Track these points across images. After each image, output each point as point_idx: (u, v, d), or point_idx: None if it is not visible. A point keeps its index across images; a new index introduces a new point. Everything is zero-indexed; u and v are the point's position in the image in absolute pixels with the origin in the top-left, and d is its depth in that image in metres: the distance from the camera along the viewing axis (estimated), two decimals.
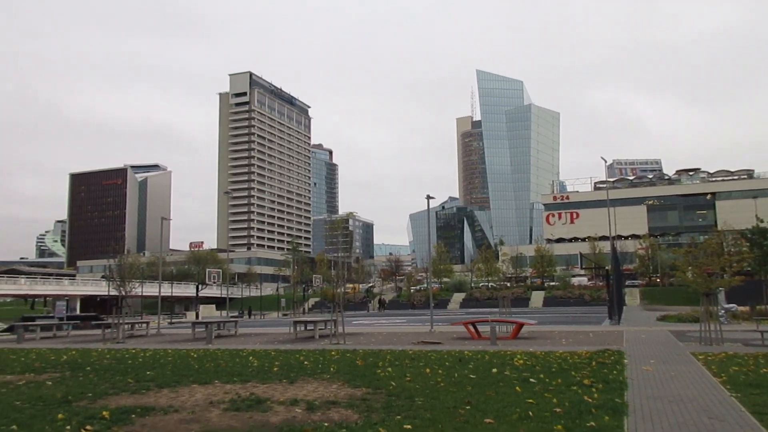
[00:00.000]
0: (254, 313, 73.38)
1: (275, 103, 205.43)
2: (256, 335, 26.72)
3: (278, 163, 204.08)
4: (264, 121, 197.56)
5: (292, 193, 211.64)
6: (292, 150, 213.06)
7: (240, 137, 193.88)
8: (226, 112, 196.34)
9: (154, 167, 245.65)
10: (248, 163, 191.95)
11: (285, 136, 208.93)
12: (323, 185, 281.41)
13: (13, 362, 15.87)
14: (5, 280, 77.02)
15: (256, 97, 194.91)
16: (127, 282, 29.32)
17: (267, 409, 7.99)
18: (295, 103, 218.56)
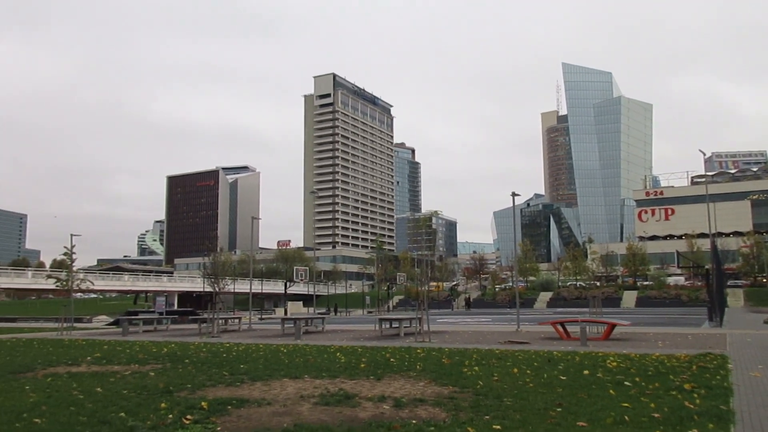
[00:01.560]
0: (340, 310, 74.66)
1: (358, 103, 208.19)
2: (342, 332, 27.17)
3: (362, 162, 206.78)
4: (347, 121, 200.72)
5: (376, 192, 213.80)
6: (375, 149, 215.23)
7: (324, 138, 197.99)
8: (311, 113, 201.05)
9: (244, 169, 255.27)
10: (333, 163, 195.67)
11: (368, 136, 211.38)
12: (406, 184, 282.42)
13: (119, 354, 16.95)
14: (111, 276, 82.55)
15: (340, 98, 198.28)
16: (221, 279, 30.71)
17: (356, 404, 8.10)
18: (377, 103, 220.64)
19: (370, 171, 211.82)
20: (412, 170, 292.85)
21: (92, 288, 48.33)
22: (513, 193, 29.36)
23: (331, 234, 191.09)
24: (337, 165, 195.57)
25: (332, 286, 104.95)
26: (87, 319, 52.80)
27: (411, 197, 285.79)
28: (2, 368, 13.23)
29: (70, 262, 31.59)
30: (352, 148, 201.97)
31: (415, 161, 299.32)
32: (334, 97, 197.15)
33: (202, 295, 76.68)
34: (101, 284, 74.64)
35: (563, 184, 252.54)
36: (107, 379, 11.13)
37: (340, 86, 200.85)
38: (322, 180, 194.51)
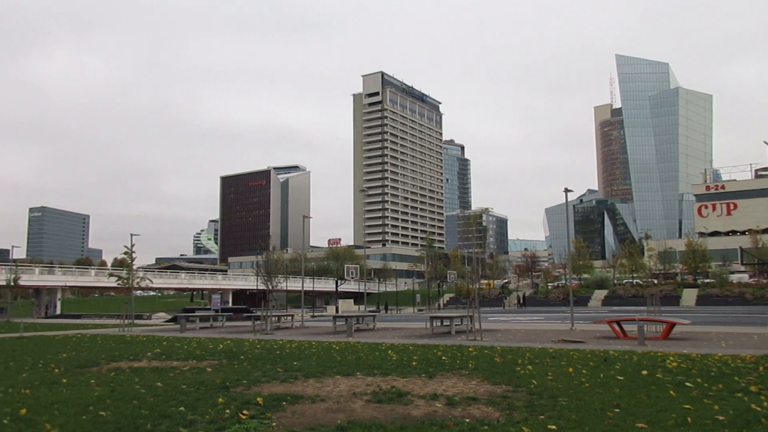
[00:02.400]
0: (390, 308, 74.88)
1: (407, 101, 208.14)
2: (393, 329, 27.23)
3: (411, 160, 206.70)
4: (396, 119, 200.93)
5: (425, 190, 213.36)
6: (424, 146, 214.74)
7: (373, 136, 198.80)
8: (360, 112, 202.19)
9: (294, 168, 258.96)
10: (382, 161, 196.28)
11: (417, 133, 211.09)
12: (455, 181, 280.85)
13: (178, 349, 17.46)
14: (168, 275, 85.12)
15: (388, 96, 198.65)
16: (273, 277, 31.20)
17: (408, 402, 8.11)
18: (426, 100, 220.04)
19: (419, 169, 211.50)
20: (461, 167, 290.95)
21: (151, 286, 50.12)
22: (566, 189, 28.78)
23: (381, 232, 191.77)
24: (387, 163, 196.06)
25: (382, 283, 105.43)
26: (146, 316, 54.60)
27: (461, 194, 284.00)
28: (69, 363, 13.83)
29: (130, 261, 32.76)
30: (401, 146, 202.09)
31: (465, 158, 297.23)
32: (383, 96, 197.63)
33: (255, 292, 78.29)
34: (159, 282, 77.14)
35: (618, 179, 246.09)
36: (167, 374, 11.48)
37: (389, 84, 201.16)
38: (372, 178, 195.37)
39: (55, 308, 65.59)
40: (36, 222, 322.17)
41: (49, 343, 21.17)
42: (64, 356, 15.59)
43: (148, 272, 65.33)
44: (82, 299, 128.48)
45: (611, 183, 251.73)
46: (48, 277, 65.38)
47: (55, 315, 62.33)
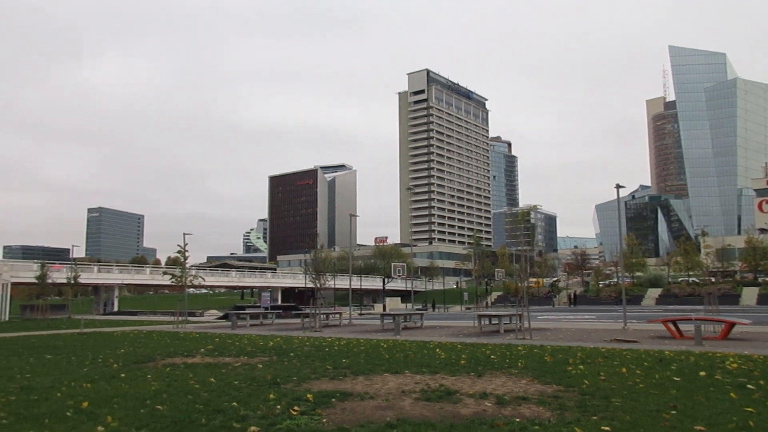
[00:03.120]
0: (437, 306, 74.64)
1: (452, 98, 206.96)
2: (440, 328, 27.14)
3: (457, 157, 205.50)
4: (442, 117, 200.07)
5: (472, 187, 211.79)
6: (471, 144, 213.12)
7: (419, 134, 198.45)
8: (406, 110, 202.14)
9: (341, 167, 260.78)
10: (428, 159, 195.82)
11: (463, 131, 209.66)
12: (502, 178, 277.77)
13: (229, 346, 17.84)
14: (219, 273, 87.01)
15: (434, 94, 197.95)
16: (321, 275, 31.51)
17: (457, 401, 8.07)
18: (471, 97, 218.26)
19: (466, 166, 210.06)
20: (508, 164, 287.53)
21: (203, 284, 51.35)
22: (617, 185, 28.09)
23: (428, 230, 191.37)
24: (433, 161, 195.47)
25: (429, 282, 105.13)
26: (199, 313, 55.95)
27: (508, 191, 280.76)
28: (127, 358, 14.31)
29: (183, 260, 33.62)
30: (447, 143, 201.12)
31: (512, 155, 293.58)
32: (428, 93, 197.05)
33: (303, 290, 79.22)
34: (211, 280, 78.95)
35: (672, 174, 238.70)
36: (219, 370, 11.75)
37: (434, 82, 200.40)
38: (418, 176, 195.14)
39: (113, 305, 67.92)
40: (94, 222, 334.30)
41: (108, 339, 21.96)
42: (122, 352, 16.15)
43: (200, 270, 67.01)
44: (138, 297, 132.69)
45: (665, 178, 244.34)
46: (106, 275, 67.78)
47: (113, 312, 64.57)
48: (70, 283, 47.33)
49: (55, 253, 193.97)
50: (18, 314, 54.98)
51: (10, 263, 62.88)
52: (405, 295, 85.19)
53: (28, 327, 32.81)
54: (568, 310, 53.10)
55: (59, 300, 70.43)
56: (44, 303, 50.47)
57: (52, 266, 53.67)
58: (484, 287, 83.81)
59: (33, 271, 51.16)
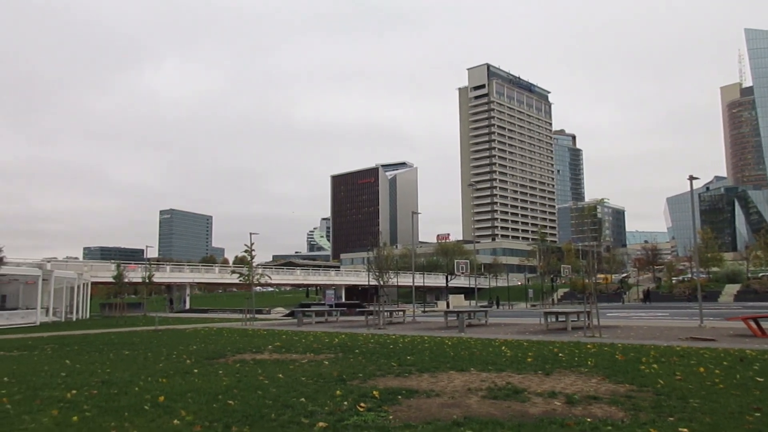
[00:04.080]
0: (502, 303, 73.71)
1: (514, 92, 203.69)
2: (505, 325, 26.78)
3: (519, 152, 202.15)
4: (503, 111, 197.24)
5: (535, 182, 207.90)
6: (533, 138, 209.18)
7: (480, 129, 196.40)
8: (466, 106, 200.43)
9: (402, 165, 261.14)
10: (489, 154, 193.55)
11: (525, 125, 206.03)
12: (567, 172, 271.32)
13: (296, 343, 18.17)
14: (285, 271, 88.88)
15: (495, 88, 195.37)
16: (384, 273, 31.66)
17: (525, 399, 7.93)
18: (534, 90, 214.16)
19: (529, 161, 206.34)
20: (573, 157, 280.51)
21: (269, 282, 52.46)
22: (690, 177, 26.89)
23: (491, 226, 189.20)
24: (494, 156, 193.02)
25: (493, 279, 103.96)
26: (266, 311, 57.29)
27: (573, 186, 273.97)
28: (199, 354, 14.81)
29: (250, 259, 34.49)
30: (509, 138, 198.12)
31: (576, 148, 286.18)
32: (489, 88, 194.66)
33: (367, 288, 79.87)
34: (277, 278, 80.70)
35: (750, 164, 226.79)
36: (287, 366, 11.98)
37: (495, 76, 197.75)
38: (480, 172, 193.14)
39: (185, 303, 70.49)
40: (166, 224, 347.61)
41: (181, 335, 22.79)
42: (194, 348, 16.71)
43: (267, 269, 68.59)
44: (208, 295, 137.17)
45: (742, 168, 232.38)
46: (177, 275, 70.40)
47: (185, 309, 66.99)
48: (145, 282, 49.39)
49: (130, 253, 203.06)
50: (98, 312, 57.84)
51: (89, 263, 66.33)
52: (468, 292, 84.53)
53: (107, 324, 34.48)
54: (638, 308, 51.34)
55: (135, 298, 73.61)
56: (121, 301, 52.88)
57: (128, 266, 56.20)
58: (549, 284, 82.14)
59: (110, 271, 53.74)
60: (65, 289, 42.52)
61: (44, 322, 35.69)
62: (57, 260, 62.83)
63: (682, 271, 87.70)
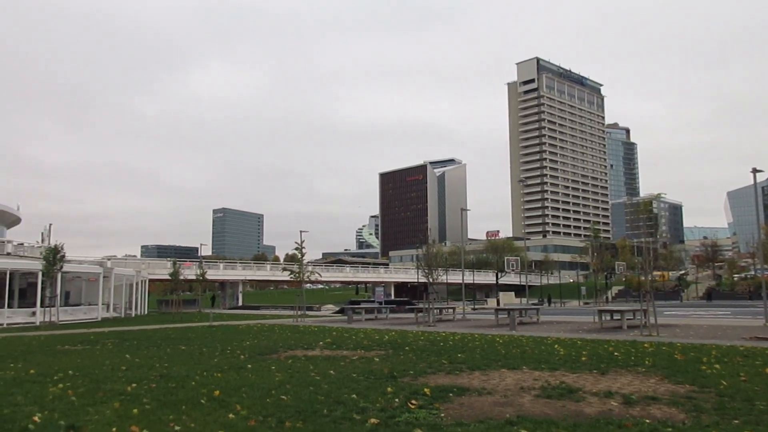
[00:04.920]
0: (554, 301, 72.50)
1: (564, 85, 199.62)
2: (558, 323, 26.35)
3: (571, 147, 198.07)
4: (554, 105, 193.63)
5: (588, 177, 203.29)
6: (585, 132, 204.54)
7: (530, 125, 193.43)
8: (515, 101, 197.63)
9: (450, 161, 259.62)
10: (540, 149, 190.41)
11: (577, 119, 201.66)
12: (621, 166, 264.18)
13: (346, 340, 18.31)
14: (334, 268, 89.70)
15: (545, 83, 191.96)
16: (433, 270, 31.58)
17: (580, 399, 7.76)
18: (585, 83, 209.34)
19: (581, 155, 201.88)
20: (627, 151, 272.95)
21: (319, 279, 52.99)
22: (754, 170, 25.82)
23: (541, 223, 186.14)
24: (545, 152, 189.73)
25: (544, 276, 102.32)
26: (316, 308, 58.03)
27: (627, 180, 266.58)
28: (252, 350, 15.09)
29: (300, 256, 34.94)
30: (560, 133, 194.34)
31: (630, 141, 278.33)
32: (539, 82, 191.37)
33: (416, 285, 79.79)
34: (327, 276, 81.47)
35: None
36: (338, 362, 12.08)
37: (545, 70, 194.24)
38: (530, 168, 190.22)
39: (238, 300, 71.99)
40: (219, 222, 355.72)
41: (234, 331, 23.29)
42: (248, 344, 17.05)
43: (317, 266, 69.32)
44: (260, 292, 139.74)
45: None
46: (230, 272, 71.96)
47: (237, 306, 68.43)
48: (199, 279, 50.66)
49: (185, 251, 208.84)
50: (155, 308, 59.71)
51: (147, 261, 68.50)
52: (519, 290, 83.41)
53: (164, 320, 35.56)
54: (698, 306, 49.62)
55: (190, 295, 75.66)
56: (177, 298, 54.39)
57: (183, 264, 57.77)
58: (603, 281, 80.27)
59: (167, 269, 55.32)
60: (124, 286, 44.04)
61: (105, 318, 37.09)
62: (116, 258, 65.12)
63: (745, 268, 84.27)
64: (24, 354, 14.87)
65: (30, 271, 34.04)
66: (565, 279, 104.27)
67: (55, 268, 31.47)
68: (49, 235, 46.54)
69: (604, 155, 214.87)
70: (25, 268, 34.90)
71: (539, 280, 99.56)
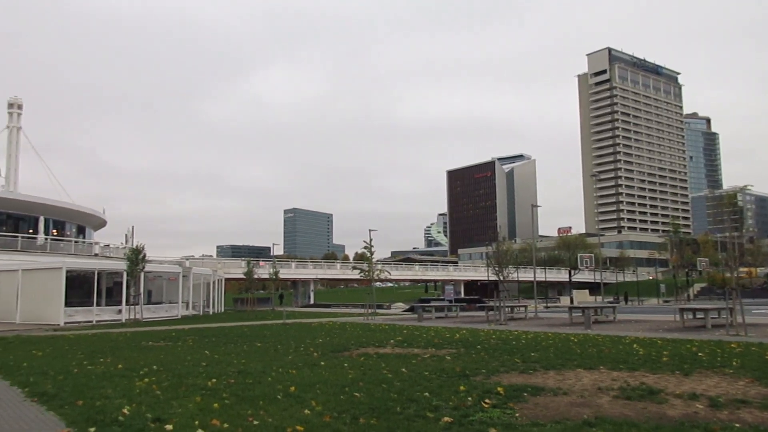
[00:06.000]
0: (631, 299, 70.00)
1: (638, 75, 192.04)
2: (635, 322, 25.44)
3: (646, 139, 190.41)
4: (627, 96, 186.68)
5: (665, 170, 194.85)
6: (662, 123, 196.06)
7: (602, 117, 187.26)
8: (586, 93, 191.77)
9: (519, 157, 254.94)
10: (613, 143, 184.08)
11: (652, 110, 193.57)
12: (701, 158, 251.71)
13: (417, 338, 18.32)
14: (403, 267, 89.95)
15: (617, 73, 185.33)
16: (504, 268, 31.13)
17: (662, 401, 7.45)
18: (661, 72, 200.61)
19: (657, 148, 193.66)
20: (707, 142, 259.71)
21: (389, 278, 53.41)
22: None
23: (616, 218, 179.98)
24: (619, 144, 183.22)
25: (620, 273, 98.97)
26: (386, 306, 58.36)
27: (708, 172, 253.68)
28: (324, 347, 15.35)
29: (369, 255, 35.24)
30: (635, 125, 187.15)
31: (711, 132, 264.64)
32: (611, 73, 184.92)
33: (486, 283, 78.89)
34: (396, 274, 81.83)
35: None
36: (409, 360, 12.10)
37: (617, 60, 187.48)
38: (603, 162, 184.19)
39: (310, 298, 73.40)
40: (289, 222, 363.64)
41: (307, 329, 23.75)
42: (320, 341, 17.35)
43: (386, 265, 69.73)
44: (330, 290, 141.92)
45: None
46: (302, 271, 73.46)
47: (309, 304, 69.75)
48: (272, 278, 51.97)
49: (258, 251, 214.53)
50: (231, 306, 61.72)
51: (222, 261, 70.97)
52: (593, 288, 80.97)
53: (239, 317, 36.71)
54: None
55: (264, 293, 77.73)
56: (252, 296, 56.00)
57: (257, 263, 59.44)
58: (684, 278, 76.78)
59: (241, 268, 57.13)
60: (202, 285, 45.71)
61: (185, 315, 38.64)
62: (194, 258, 67.77)
63: None
64: (112, 349, 15.71)
65: (116, 270, 35.88)
66: (643, 276, 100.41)
67: (138, 268, 33.13)
68: (132, 236, 48.93)
69: (682, 147, 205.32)
70: (111, 268, 36.83)
71: (615, 277, 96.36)
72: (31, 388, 9.18)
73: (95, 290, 33.11)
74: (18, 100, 53.46)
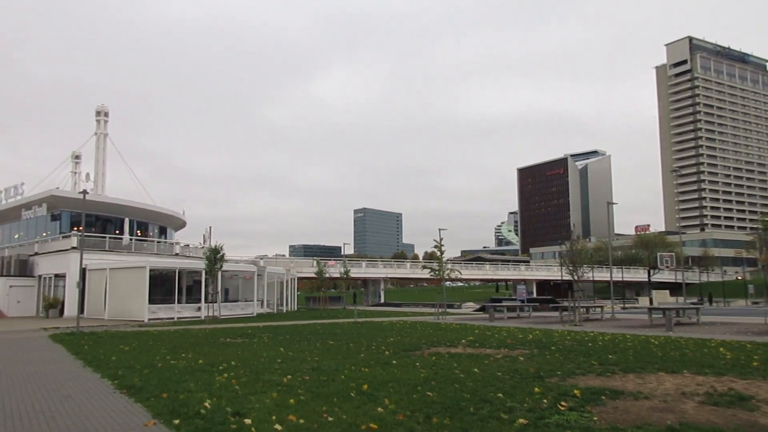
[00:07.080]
0: (716, 300, 66.62)
1: (722, 65, 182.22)
2: (721, 324, 24.18)
3: (732, 132, 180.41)
4: (710, 87, 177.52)
5: (753, 164, 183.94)
6: (749, 114, 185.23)
7: (683, 109, 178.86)
8: (665, 85, 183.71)
9: (593, 153, 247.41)
10: (695, 136, 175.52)
11: (738, 101, 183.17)
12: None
13: (489, 338, 18.11)
14: (473, 266, 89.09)
15: (699, 63, 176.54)
16: (578, 267, 30.32)
17: (753, 408, 7.05)
18: (747, 61, 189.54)
19: (744, 141, 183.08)
20: None
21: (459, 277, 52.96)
22: None
23: (698, 215, 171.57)
24: (701, 138, 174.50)
25: (703, 273, 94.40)
26: (457, 305, 57.96)
27: None
28: (396, 346, 15.41)
29: (439, 254, 35.10)
30: (718, 117, 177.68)
31: None
32: (692, 63, 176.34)
33: (559, 283, 77.04)
34: (466, 273, 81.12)
35: None
36: (482, 361, 11.98)
37: (699, 49, 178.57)
38: (683, 156, 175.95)
39: (380, 297, 73.88)
40: (359, 222, 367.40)
41: (378, 328, 23.93)
42: (391, 340, 17.44)
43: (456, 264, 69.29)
44: (400, 289, 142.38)
45: None
46: (372, 270, 74.03)
47: (380, 303, 70.24)
48: (343, 277, 52.64)
49: (329, 250, 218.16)
50: (303, 304, 63.01)
51: (295, 260, 72.56)
52: (674, 288, 77.54)
53: (312, 316, 37.41)
54: None
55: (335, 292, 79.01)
56: (324, 295, 56.98)
57: (328, 262, 60.40)
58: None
59: (313, 267, 58.16)
60: (276, 284, 46.88)
61: (260, 313, 39.76)
62: (267, 257, 69.56)
63: None
64: (193, 345, 16.36)
65: (195, 269, 37.36)
66: (729, 276, 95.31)
67: (216, 267, 34.38)
68: (209, 236, 50.82)
69: None
70: (191, 267, 38.36)
71: (698, 277, 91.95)
72: (119, 381, 9.71)
73: (176, 288, 34.60)
74: (104, 108, 56.45)
